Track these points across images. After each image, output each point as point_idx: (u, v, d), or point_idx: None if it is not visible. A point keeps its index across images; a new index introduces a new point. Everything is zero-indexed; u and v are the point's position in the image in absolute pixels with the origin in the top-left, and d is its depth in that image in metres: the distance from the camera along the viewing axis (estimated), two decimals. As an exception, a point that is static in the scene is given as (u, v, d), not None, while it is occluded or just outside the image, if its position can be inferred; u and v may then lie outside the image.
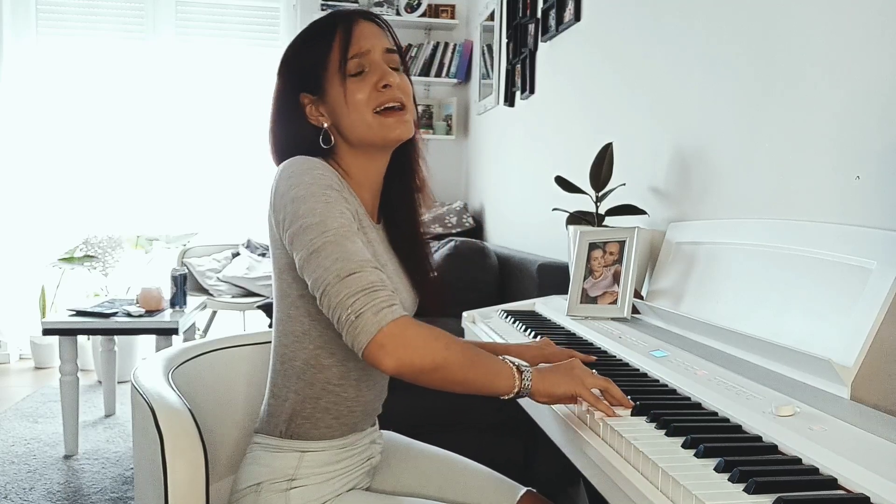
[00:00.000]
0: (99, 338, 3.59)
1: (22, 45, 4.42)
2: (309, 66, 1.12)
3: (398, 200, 1.21)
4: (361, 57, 1.09)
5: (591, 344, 1.36)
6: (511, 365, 0.98)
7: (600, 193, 1.85)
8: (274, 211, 1.05)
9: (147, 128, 4.59)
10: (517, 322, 1.59)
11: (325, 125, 1.12)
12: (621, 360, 1.22)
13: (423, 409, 2.08)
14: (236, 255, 4.49)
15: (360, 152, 1.13)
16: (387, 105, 1.08)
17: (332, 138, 1.13)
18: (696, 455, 0.76)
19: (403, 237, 1.21)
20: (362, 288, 0.94)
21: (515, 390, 0.97)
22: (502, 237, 3.55)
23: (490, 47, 3.84)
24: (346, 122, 1.10)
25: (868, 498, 0.65)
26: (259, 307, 2.71)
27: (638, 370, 1.15)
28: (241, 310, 4.31)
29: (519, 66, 3.22)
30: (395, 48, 1.13)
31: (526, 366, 1.00)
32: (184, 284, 3.19)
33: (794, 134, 1.36)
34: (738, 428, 0.85)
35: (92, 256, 3.96)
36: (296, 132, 1.14)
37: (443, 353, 0.94)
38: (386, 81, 1.08)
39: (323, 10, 4.37)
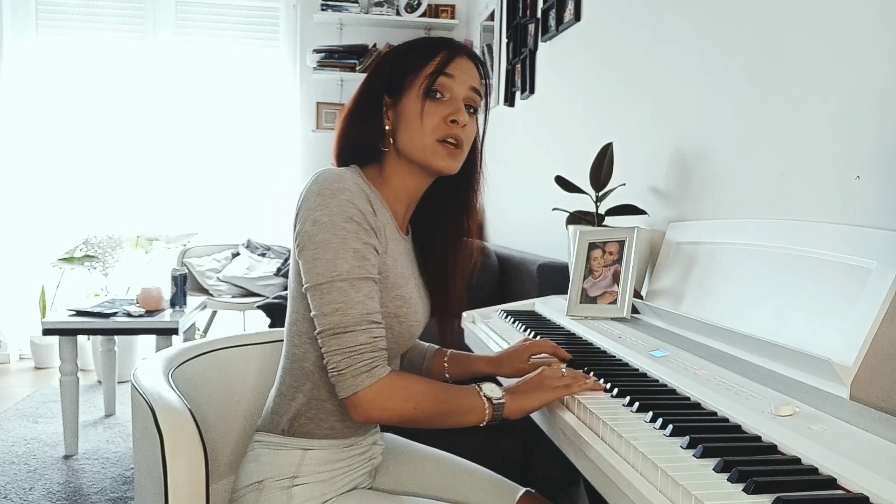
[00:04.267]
0: (99, 338, 3.59)
1: (22, 45, 4.42)
2: (400, 72, 1.14)
3: (443, 230, 1.25)
4: (448, 78, 1.12)
5: (591, 344, 1.36)
6: (483, 399, 1.06)
7: (600, 193, 1.85)
8: (297, 218, 1.07)
9: (147, 128, 4.59)
10: (517, 322, 1.59)
11: (387, 128, 1.15)
12: (621, 360, 1.22)
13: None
14: (236, 255, 4.49)
15: (404, 164, 1.15)
16: (446, 139, 1.11)
17: (389, 142, 1.15)
18: (695, 455, 0.76)
19: (435, 257, 1.25)
20: (349, 348, 1.01)
21: (486, 421, 1.06)
22: (502, 237, 3.55)
23: (490, 47, 3.84)
24: (405, 134, 1.12)
25: (867, 498, 0.65)
26: (259, 307, 2.71)
27: (638, 370, 1.15)
28: (241, 310, 4.31)
29: (519, 66, 3.22)
30: (481, 91, 1.18)
31: (499, 397, 1.06)
32: (184, 284, 3.19)
33: (793, 134, 1.36)
34: (737, 428, 0.85)
35: (92, 256, 3.96)
36: (367, 130, 1.16)
37: (411, 412, 1.03)
38: (455, 117, 1.11)
39: (323, 10, 4.37)
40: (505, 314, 1.73)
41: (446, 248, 1.25)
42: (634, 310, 1.49)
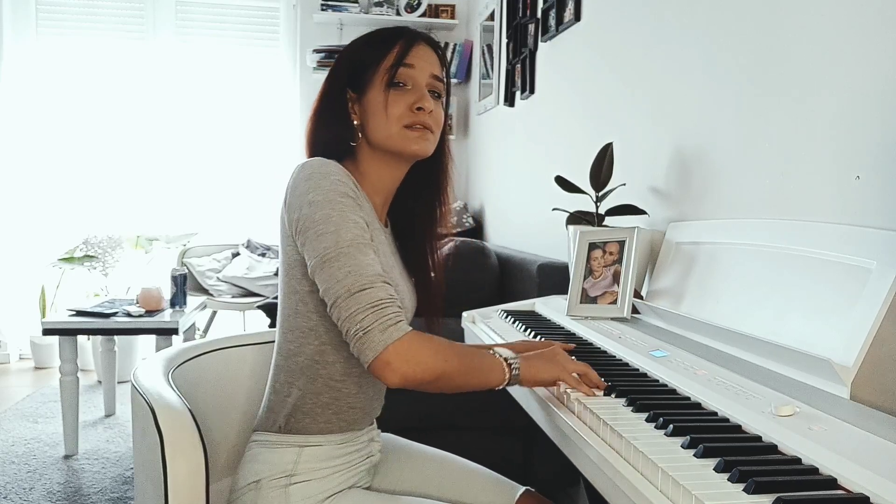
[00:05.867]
0: (99, 338, 3.59)
1: (22, 45, 4.42)
2: (360, 66, 1.16)
3: (419, 220, 1.26)
4: (409, 68, 1.13)
5: (591, 344, 1.36)
6: (500, 358, 1.07)
7: (600, 193, 1.85)
8: (288, 209, 1.08)
9: (147, 128, 4.59)
10: (517, 322, 1.59)
11: (355, 123, 1.16)
12: (621, 360, 1.22)
13: (423, 411, 2.08)
14: (236, 255, 4.49)
15: (378, 156, 1.16)
16: (413, 125, 1.13)
17: (359, 136, 1.17)
18: (695, 455, 0.76)
19: (414, 248, 1.27)
20: (371, 304, 0.99)
21: (506, 381, 1.06)
22: (502, 237, 3.55)
23: (490, 47, 3.84)
24: (373, 126, 1.14)
25: (868, 498, 0.65)
26: (259, 307, 2.71)
27: (638, 370, 1.15)
28: (241, 310, 4.30)
29: (519, 66, 3.22)
30: (442, 77, 1.18)
31: (514, 357, 1.07)
32: (184, 284, 3.19)
33: (793, 134, 1.36)
34: (737, 428, 0.85)
35: (92, 256, 3.96)
36: (334, 126, 1.17)
37: (442, 365, 1.00)
38: (421, 104, 1.12)
39: (323, 10, 4.37)
40: (505, 314, 1.73)
41: (423, 239, 1.27)
42: (634, 310, 1.49)
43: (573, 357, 1.14)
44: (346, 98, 1.17)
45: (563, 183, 1.93)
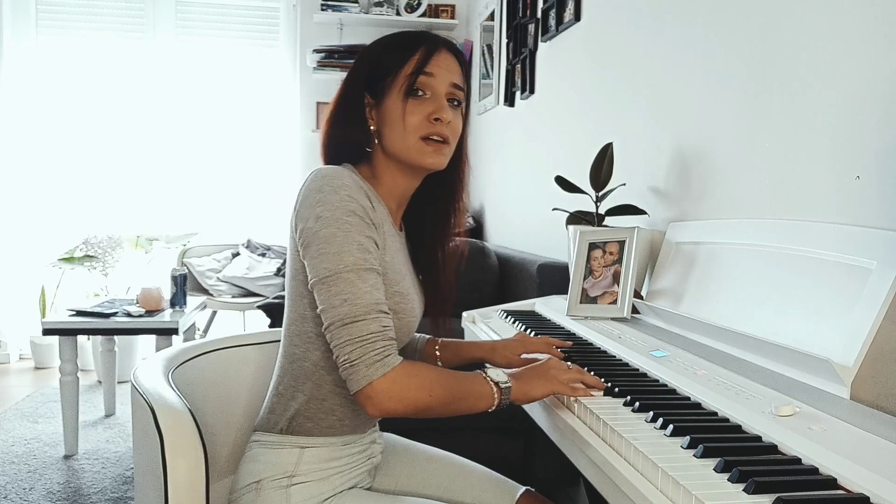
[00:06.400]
0: (99, 338, 3.59)
1: (22, 45, 4.42)
2: (380, 71, 1.14)
3: (432, 222, 1.26)
4: (428, 77, 1.11)
5: (591, 344, 1.36)
6: (490, 384, 1.05)
7: (600, 193, 1.85)
8: (297, 217, 1.07)
9: (147, 128, 4.59)
10: (517, 322, 1.59)
11: (372, 128, 1.15)
12: (621, 360, 1.22)
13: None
14: (236, 255, 4.49)
15: (393, 163, 1.15)
16: (431, 137, 1.11)
17: (375, 142, 1.16)
18: (695, 455, 0.76)
19: (426, 250, 1.26)
20: (361, 337, 0.99)
21: (495, 405, 1.05)
22: (502, 237, 3.55)
23: (490, 47, 3.84)
24: (389, 134, 1.13)
25: (868, 498, 0.65)
26: (259, 307, 2.71)
27: (638, 370, 1.15)
28: (241, 310, 4.31)
29: (519, 66, 3.22)
30: (462, 85, 1.16)
31: (505, 380, 1.06)
32: (184, 284, 3.19)
33: (793, 134, 1.36)
34: (737, 428, 0.85)
35: (92, 256, 3.96)
36: (349, 130, 1.16)
37: (426, 400, 1.01)
38: (439, 115, 1.11)
39: (323, 10, 4.37)
40: (505, 314, 1.73)
41: (435, 240, 1.26)
42: (634, 310, 1.49)
43: (569, 363, 1.13)
44: (363, 102, 1.15)
45: (563, 183, 1.93)
